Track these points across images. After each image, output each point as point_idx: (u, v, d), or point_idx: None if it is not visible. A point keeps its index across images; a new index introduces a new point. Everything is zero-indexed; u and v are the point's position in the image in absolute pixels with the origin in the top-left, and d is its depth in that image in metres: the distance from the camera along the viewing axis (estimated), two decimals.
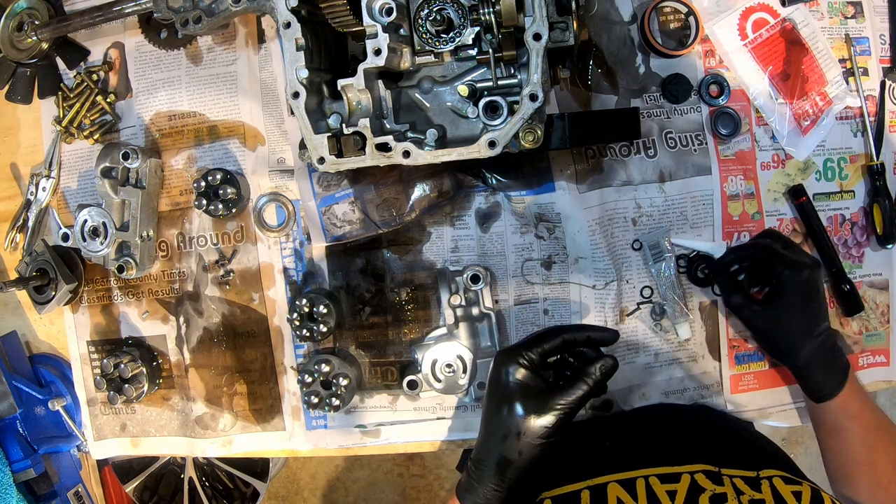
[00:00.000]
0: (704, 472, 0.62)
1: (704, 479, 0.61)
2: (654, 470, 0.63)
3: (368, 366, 0.91)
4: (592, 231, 0.85)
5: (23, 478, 0.99)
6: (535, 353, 0.63)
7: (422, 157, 0.66)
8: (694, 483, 0.61)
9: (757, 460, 0.65)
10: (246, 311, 0.93)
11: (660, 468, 0.63)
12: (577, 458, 0.70)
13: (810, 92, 0.85)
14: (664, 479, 0.62)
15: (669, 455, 0.66)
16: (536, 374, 0.63)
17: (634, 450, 0.71)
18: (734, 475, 0.61)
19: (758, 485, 0.60)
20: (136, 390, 0.91)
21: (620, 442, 0.74)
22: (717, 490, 0.59)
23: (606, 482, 0.63)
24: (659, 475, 0.62)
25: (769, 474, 0.61)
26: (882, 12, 0.88)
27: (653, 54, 0.86)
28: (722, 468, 0.62)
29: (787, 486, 0.60)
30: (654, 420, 0.83)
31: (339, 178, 0.86)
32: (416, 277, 0.88)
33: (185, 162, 0.93)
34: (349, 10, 0.66)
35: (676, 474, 0.62)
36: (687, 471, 0.62)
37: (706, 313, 0.87)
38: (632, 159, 0.85)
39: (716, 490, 0.59)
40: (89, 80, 0.94)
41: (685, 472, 0.62)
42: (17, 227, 0.99)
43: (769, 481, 0.60)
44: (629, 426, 0.81)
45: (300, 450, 0.94)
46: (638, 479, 0.62)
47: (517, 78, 0.70)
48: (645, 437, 0.76)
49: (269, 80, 0.90)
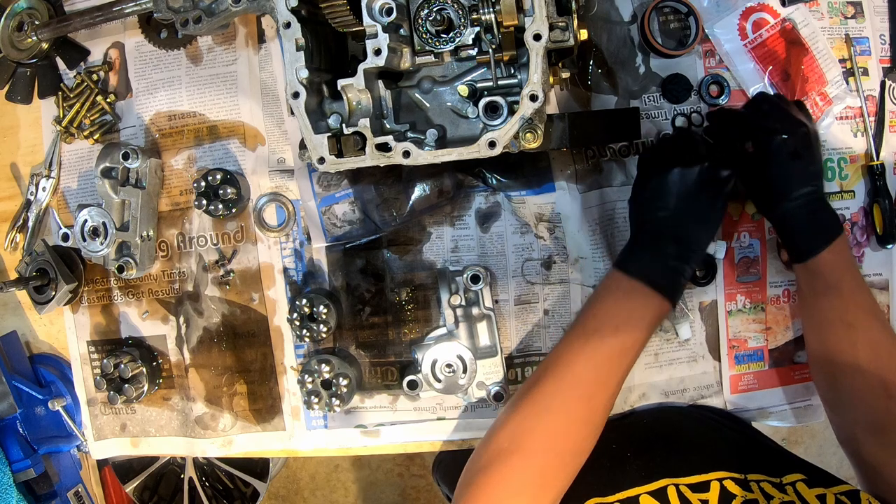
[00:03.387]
0: (732, 479, 0.62)
1: (734, 486, 0.61)
2: (682, 479, 0.63)
3: (368, 366, 0.91)
4: (592, 231, 0.85)
5: (23, 478, 0.99)
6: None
7: (422, 157, 0.66)
8: (724, 490, 0.60)
9: (778, 466, 0.65)
10: (246, 311, 0.93)
11: (687, 478, 0.63)
12: (604, 470, 0.69)
13: (810, 92, 0.85)
14: (695, 489, 0.61)
15: (692, 464, 0.65)
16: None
17: (656, 459, 0.70)
18: (760, 480, 0.61)
19: (783, 489, 0.60)
20: (136, 390, 0.91)
21: (641, 452, 0.73)
22: (747, 496, 0.59)
23: (638, 494, 0.62)
24: (689, 485, 0.62)
25: (792, 479, 0.61)
26: (882, 12, 0.88)
27: (653, 54, 0.86)
28: (747, 474, 0.62)
29: (811, 490, 0.59)
30: (671, 427, 0.82)
31: (339, 178, 0.86)
32: (416, 277, 0.89)
33: (185, 162, 0.93)
34: (349, 10, 0.66)
35: (706, 482, 0.62)
36: (715, 478, 0.62)
37: (706, 313, 0.87)
38: (631, 159, 0.85)
39: (746, 496, 0.59)
40: (89, 80, 0.94)
41: (714, 479, 0.62)
42: (17, 227, 0.99)
43: (793, 486, 0.60)
44: (648, 435, 0.80)
45: (300, 450, 0.94)
46: (668, 487, 0.62)
47: (517, 78, 0.70)
48: (665, 446, 0.75)
49: (269, 80, 0.90)
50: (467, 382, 0.83)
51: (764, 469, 0.63)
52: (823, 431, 2.04)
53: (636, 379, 0.86)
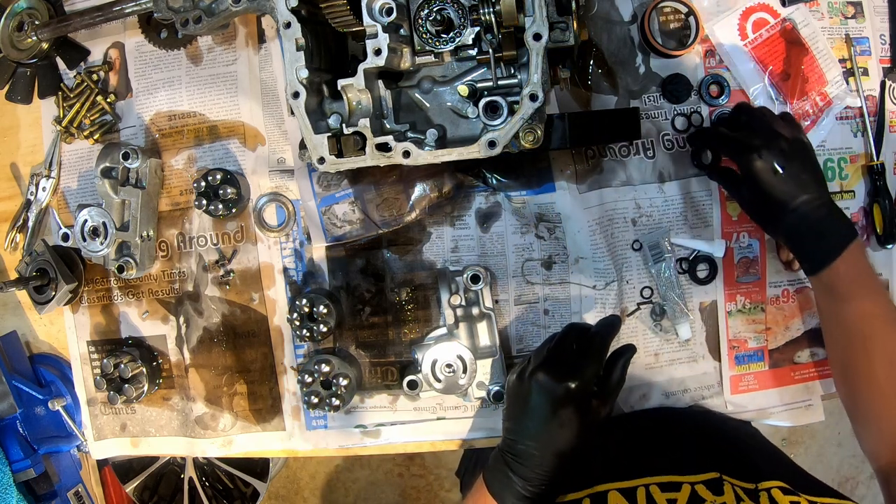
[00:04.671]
0: (706, 481, 0.62)
1: (705, 490, 0.61)
2: (655, 479, 0.63)
3: (368, 366, 0.91)
4: (592, 231, 0.85)
5: (23, 478, 0.99)
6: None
7: (422, 157, 0.66)
8: (694, 493, 0.60)
9: (756, 471, 0.64)
10: (246, 311, 0.93)
11: (661, 477, 0.63)
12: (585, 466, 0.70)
13: (810, 92, 0.85)
14: (665, 488, 0.61)
15: (674, 463, 0.65)
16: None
17: (638, 457, 0.71)
18: (735, 483, 0.61)
19: (756, 496, 0.60)
20: (136, 390, 0.91)
21: (626, 449, 0.74)
22: (717, 501, 0.59)
23: (607, 490, 0.63)
24: (660, 484, 0.62)
25: (768, 486, 0.61)
26: (882, 12, 0.88)
27: (653, 54, 0.86)
28: (723, 476, 0.62)
29: (786, 497, 0.59)
30: (659, 426, 0.82)
31: (339, 178, 0.86)
32: (416, 277, 0.88)
33: (185, 162, 0.93)
34: (349, 10, 0.66)
35: (677, 483, 0.62)
36: (688, 481, 0.62)
37: (706, 313, 0.87)
38: (631, 159, 0.85)
39: (716, 501, 0.59)
40: (89, 80, 0.94)
41: (686, 482, 0.62)
42: (17, 227, 0.99)
43: (768, 493, 0.60)
44: (634, 433, 0.81)
45: (300, 450, 0.94)
46: (639, 487, 0.62)
47: (517, 78, 0.70)
48: (649, 445, 0.75)
49: (269, 80, 0.90)
50: (467, 382, 0.83)
51: (743, 474, 0.63)
52: (823, 431, 2.04)
53: (636, 379, 0.86)
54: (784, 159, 0.70)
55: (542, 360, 0.66)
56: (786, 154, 0.71)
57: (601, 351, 0.66)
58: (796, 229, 0.72)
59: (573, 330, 0.70)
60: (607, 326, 0.69)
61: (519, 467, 0.63)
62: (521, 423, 0.65)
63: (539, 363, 0.66)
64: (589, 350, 0.66)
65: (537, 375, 0.64)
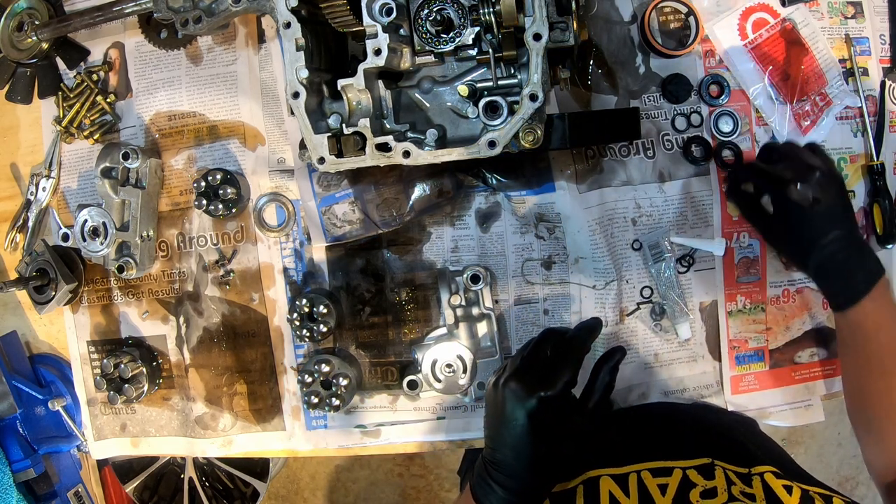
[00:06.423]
0: (697, 467, 0.62)
1: (696, 475, 0.61)
2: (647, 465, 0.63)
3: (368, 366, 0.91)
4: (592, 231, 0.85)
5: (23, 478, 0.99)
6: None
7: (422, 157, 0.66)
8: (685, 478, 0.61)
9: (750, 457, 0.65)
10: (246, 311, 0.93)
11: (653, 462, 0.63)
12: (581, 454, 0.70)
13: (810, 92, 0.85)
14: (656, 474, 0.62)
15: (667, 451, 0.66)
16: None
17: (634, 445, 0.71)
18: (727, 468, 0.62)
19: (749, 480, 0.60)
20: (136, 390, 0.91)
21: (621, 438, 0.75)
22: (707, 485, 0.59)
23: (599, 476, 0.63)
24: (651, 469, 0.62)
25: (761, 470, 0.61)
26: (882, 12, 0.88)
27: (653, 54, 0.86)
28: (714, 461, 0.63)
29: (779, 481, 0.60)
30: (655, 417, 0.83)
31: (339, 178, 0.86)
32: (416, 277, 0.89)
33: (185, 162, 0.93)
34: (349, 10, 0.66)
35: (668, 469, 0.62)
36: (680, 466, 0.62)
37: (706, 313, 0.87)
38: (631, 159, 0.86)
39: (706, 485, 0.59)
40: (89, 80, 0.94)
41: (677, 467, 0.62)
42: (17, 227, 0.99)
43: (760, 477, 0.60)
44: (631, 423, 0.81)
45: (300, 450, 0.94)
46: (630, 473, 0.63)
47: (517, 78, 0.70)
48: (645, 434, 0.76)
49: (269, 80, 0.90)
50: (467, 382, 0.83)
51: (736, 460, 0.63)
52: (823, 431, 2.04)
53: (636, 378, 0.86)
54: (820, 190, 0.70)
55: (515, 367, 0.64)
56: (822, 185, 0.71)
57: (578, 357, 0.64)
58: (825, 269, 0.72)
59: (550, 335, 0.68)
60: (585, 331, 0.67)
61: (498, 475, 0.62)
62: (497, 432, 0.63)
63: (512, 371, 0.64)
64: (565, 356, 0.64)
65: (510, 384, 0.62)
